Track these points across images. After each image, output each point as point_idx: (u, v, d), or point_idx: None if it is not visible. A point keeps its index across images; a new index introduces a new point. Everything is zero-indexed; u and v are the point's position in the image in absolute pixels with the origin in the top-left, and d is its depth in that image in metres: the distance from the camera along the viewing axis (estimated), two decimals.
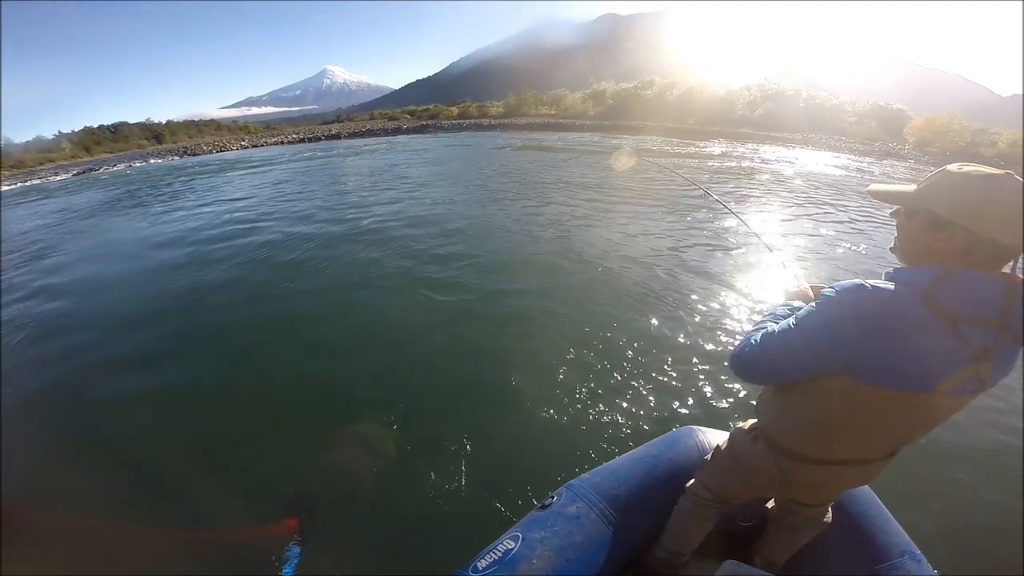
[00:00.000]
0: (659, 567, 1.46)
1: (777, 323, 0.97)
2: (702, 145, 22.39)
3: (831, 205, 8.97)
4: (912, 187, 0.85)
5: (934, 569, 1.36)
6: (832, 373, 0.86)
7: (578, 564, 1.30)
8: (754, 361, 0.97)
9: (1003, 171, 0.74)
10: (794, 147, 24.45)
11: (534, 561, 1.27)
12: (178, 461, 2.77)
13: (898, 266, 0.87)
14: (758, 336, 0.97)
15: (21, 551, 2.27)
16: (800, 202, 9.26)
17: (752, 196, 9.71)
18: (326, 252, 6.44)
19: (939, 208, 0.77)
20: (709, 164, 15.07)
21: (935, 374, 0.78)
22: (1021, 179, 0.73)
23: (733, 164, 15.24)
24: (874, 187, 0.93)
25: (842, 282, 0.84)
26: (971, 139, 28.85)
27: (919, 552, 1.37)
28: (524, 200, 9.22)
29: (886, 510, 1.49)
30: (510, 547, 1.32)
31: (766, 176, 12.75)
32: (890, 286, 0.78)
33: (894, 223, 0.90)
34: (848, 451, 0.98)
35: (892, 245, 0.91)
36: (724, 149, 20.53)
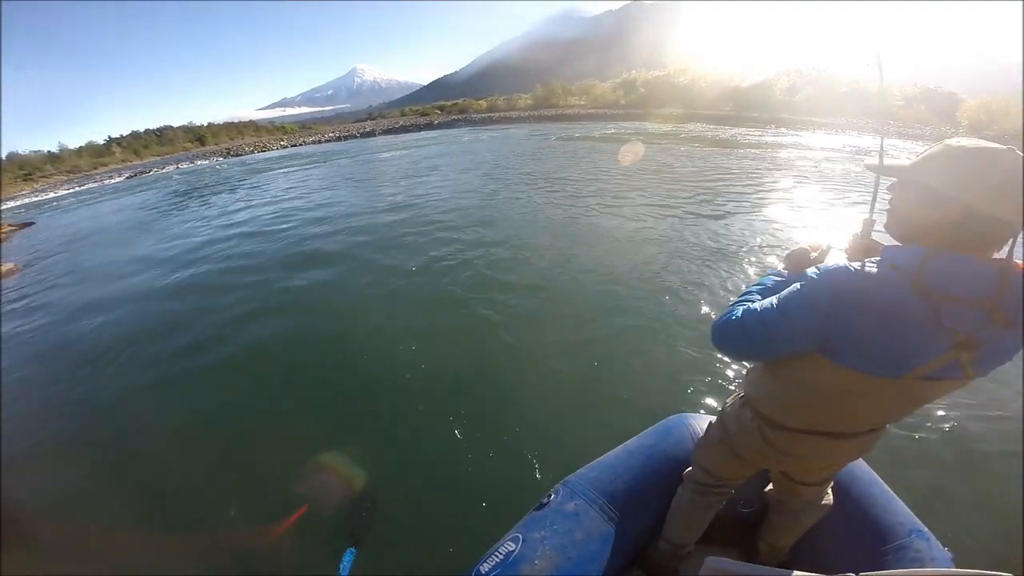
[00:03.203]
0: (663, 560, 1.45)
1: (762, 296, 0.97)
2: (744, 132, 21.74)
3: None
4: (908, 162, 0.83)
5: (944, 546, 1.33)
6: (809, 353, 0.87)
7: (580, 561, 1.29)
8: (734, 338, 0.97)
9: (1005, 146, 0.71)
10: (839, 133, 23.47)
11: (536, 562, 1.26)
12: (180, 464, 2.84)
13: (893, 245, 0.83)
14: (739, 312, 0.97)
15: (21, 553, 2.32)
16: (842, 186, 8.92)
17: (792, 184, 9.39)
18: (357, 252, 6.58)
19: (934, 181, 0.75)
20: (754, 152, 14.61)
21: (907, 361, 0.78)
22: (1022, 155, 0.70)
23: (778, 154, 14.71)
24: (870, 161, 0.91)
25: (827, 264, 0.83)
26: None
27: (927, 530, 1.35)
28: (538, 195, 9.18)
29: (889, 490, 1.47)
30: (511, 549, 1.31)
31: (809, 163, 12.29)
32: (874, 270, 0.77)
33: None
34: (827, 424, 0.98)
35: (886, 222, 0.88)
36: (764, 136, 19.87)
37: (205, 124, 77.35)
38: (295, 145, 40.46)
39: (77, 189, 28.83)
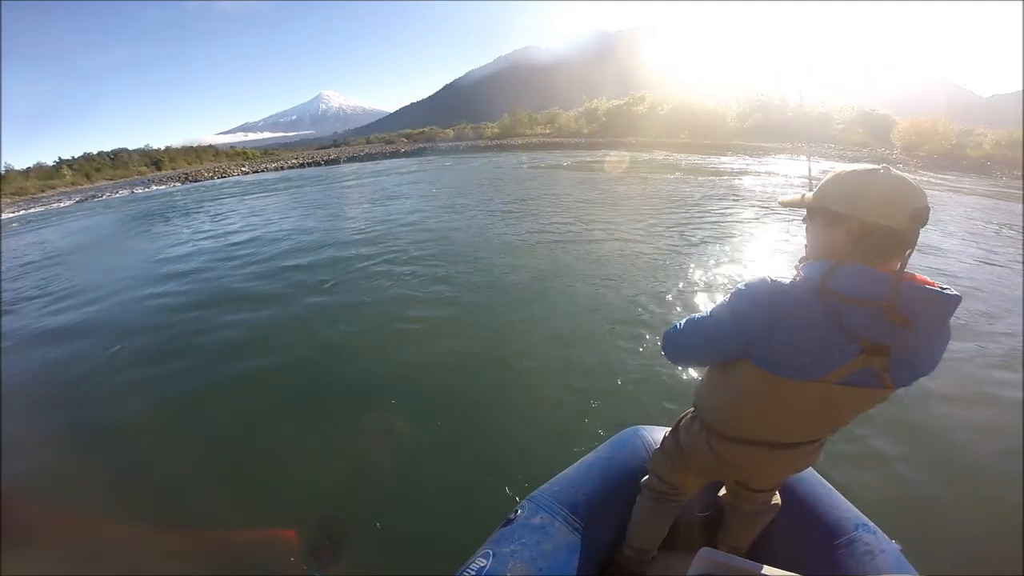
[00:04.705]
0: (629, 565, 1.51)
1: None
2: (701, 159, 22.75)
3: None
4: (810, 194, 0.94)
5: (891, 539, 1.39)
6: (738, 359, 0.96)
7: (550, 572, 1.32)
8: (675, 343, 1.10)
9: (880, 166, 0.83)
10: (784, 157, 24.84)
11: (508, 575, 1.30)
12: (180, 463, 2.85)
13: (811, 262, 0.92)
14: (683, 322, 1.08)
15: (21, 550, 2.29)
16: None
17: (737, 209, 9.89)
18: (326, 271, 6.56)
19: (832, 204, 0.87)
20: (710, 180, 15.31)
21: (818, 365, 0.86)
22: (897, 172, 0.82)
23: (735, 182, 15.45)
24: (782, 199, 1.04)
25: (753, 277, 0.93)
26: (956, 141, 29.35)
27: (873, 524, 1.42)
28: (508, 220, 9.39)
29: (832, 488, 1.55)
30: (482, 565, 1.33)
31: (758, 189, 12.96)
32: (788, 280, 0.87)
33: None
34: (763, 433, 1.05)
35: (805, 251, 0.99)
36: (719, 163, 20.86)
37: (162, 148, 75.13)
38: (256, 171, 39.70)
39: (23, 212, 27.34)
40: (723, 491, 1.49)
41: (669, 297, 4.91)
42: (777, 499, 1.39)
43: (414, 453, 2.86)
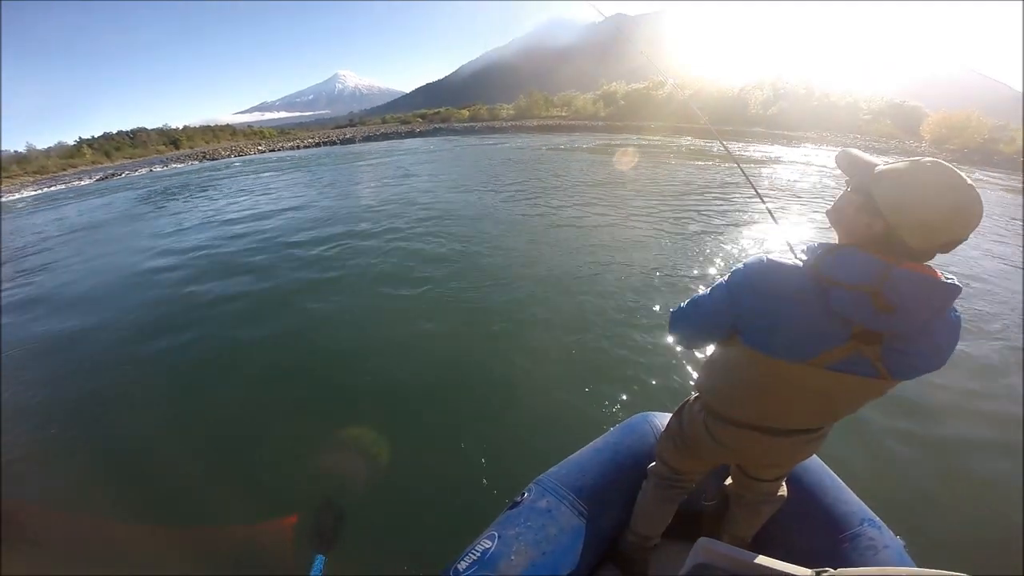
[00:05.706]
0: (632, 551, 1.52)
1: None
2: (721, 146, 22.25)
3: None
4: (879, 164, 0.82)
5: (896, 535, 1.40)
6: (732, 337, 0.97)
7: (554, 556, 1.34)
8: (675, 321, 1.12)
9: (968, 183, 0.71)
10: (807, 146, 24.23)
11: (512, 558, 1.30)
12: (178, 459, 2.86)
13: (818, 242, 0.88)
14: (686, 301, 1.10)
15: (21, 550, 2.30)
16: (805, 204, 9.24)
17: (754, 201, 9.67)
18: (334, 256, 6.60)
19: (877, 194, 0.77)
20: (731, 167, 15.00)
21: (806, 345, 0.85)
22: (968, 196, 0.70)
23: (756, 171, 15.11)
24: (849, 152, 0.89)
25: (752, 256, 0.93)
26: (989, 135, 28.36)
27: (879, 519, 1.41)
28: (522, 203, 9.33)
29: (840, 481, 1.54)
30: (488, 546, 1.34)
31: (783, 178, 12.68)
32: (785, 260, 0.86)
33: None
34: (758, 417, 1.05)
35: (828, 209, 0.91)
36: (741, 151, 20.40)
37: (180, 127, 75.74)
38: (273, 150, 39.91)
39: (44, 190, 27.81)
40: (728, 480, 1.49)
41: (691, 284, 4.86)
42: (783, 490, 1.38)
43: (421, 435, 2.88)
